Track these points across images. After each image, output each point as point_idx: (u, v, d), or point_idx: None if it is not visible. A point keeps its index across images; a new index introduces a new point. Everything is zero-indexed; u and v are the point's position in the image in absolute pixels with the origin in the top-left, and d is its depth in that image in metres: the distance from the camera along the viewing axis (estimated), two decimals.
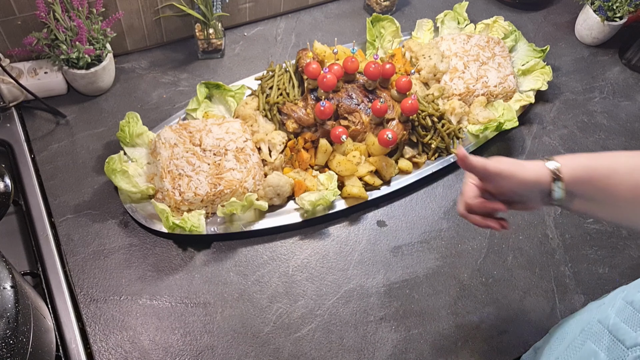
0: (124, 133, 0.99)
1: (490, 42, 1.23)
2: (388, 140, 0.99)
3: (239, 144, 1.00)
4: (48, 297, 0.86)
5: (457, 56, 1.19)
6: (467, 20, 1.30)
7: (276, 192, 0.97)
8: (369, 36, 1.23)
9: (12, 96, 1.06)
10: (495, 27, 1.29)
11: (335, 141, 1.01)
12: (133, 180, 0.95)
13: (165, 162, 0.96)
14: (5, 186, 0.77)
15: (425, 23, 1.29)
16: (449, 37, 1.23)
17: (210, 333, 0.87)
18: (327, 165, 1.04)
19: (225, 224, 0.96)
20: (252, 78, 1.16)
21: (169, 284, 0.91)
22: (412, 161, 1.08)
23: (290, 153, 1.03)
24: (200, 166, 0.96)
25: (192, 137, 0.99)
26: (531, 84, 1.21)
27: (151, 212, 0.96)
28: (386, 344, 0.89)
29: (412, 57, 1.20)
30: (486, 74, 1.17)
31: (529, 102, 1.18)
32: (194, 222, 0.92)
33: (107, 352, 0.84)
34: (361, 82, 1.09)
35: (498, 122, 1.10)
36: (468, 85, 1.15)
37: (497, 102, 1.17)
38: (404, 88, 1.06)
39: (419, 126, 1.09)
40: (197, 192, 0.94)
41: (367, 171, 1.02)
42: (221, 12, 1.16)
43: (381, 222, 1.03)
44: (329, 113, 1.01)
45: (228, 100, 1.10)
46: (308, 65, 1.04)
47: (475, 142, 1.13)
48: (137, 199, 0.97)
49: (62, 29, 1.01)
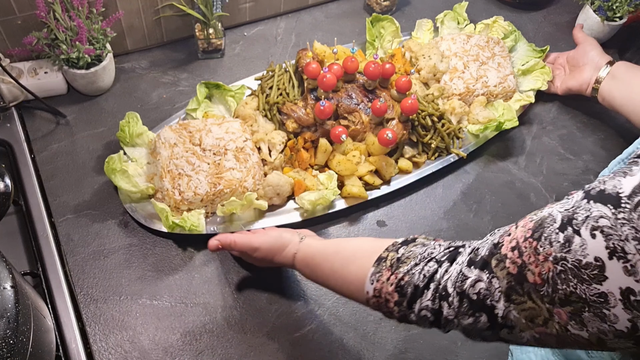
0: (123, 133, 0.99)
1: (490, 42, 1.23)
2: (388, 140, 0.99)
3: (238, 143, 1.00)
4: (48, 297, 0.86)
5: (457, 56, 1.19)
6: (467, 21, 1.30)
7: (276, 191, 0.97)
8: (369, 36, 1.23)
9: (12, 96, 1.06)
10: (495, 27, 1.29)
11: (335, 141, 1.01)
12: (133, 180, 0.95)
13: (165, 161, 0.96)
14: (5, 186, 0.77)
15: (425, 23, 1.28)
16: (449, 37, 1.23)
17: (210, 333, 0.87)
18: (327, 164, 1.04)
19: (225, 223, 0.96)
20: (252, 78, 1.16)
21: (169, 284, 0.91)
22: (412, 161, 1.08)
23: (290, 153, 1.03)
24: (200, 166, 0.96)
25: (192, 136, 0.99)
26: (531, 84, 1.21)
27: (151, 212, 0.96)
28: (386, 344, 0.89)
29: (412, 57, 1.20)
30: (486, 73, 1.17)
31: (529, 102, 1.18)
32: (193, 222, 0.92)
33: (107, 352, 0.84)
34: (361, 82, 1.08)
35: (498, 122, 1.10)
36: (468, 85, 1.15)
37: (497, 102, 1.17)
38: (404, 88, 1.06)
39: (419, 126, 1.09)
40: (196, 191, 0.94)
41: (367, 171, 1.02)
42: (221, 12, 1.16)
43: (381, 222, 1.03)
44: (329, 113, 1.01)
45: (228, 100, 1.10)
46: (308, 65, 1.04)
47: (475, 141, 1.13)
48: (137, 198, 0.97)
49: (62, 28, 1.01)
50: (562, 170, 1.14)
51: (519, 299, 0.48)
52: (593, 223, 0.43)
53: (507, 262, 0.49)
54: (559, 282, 0.45)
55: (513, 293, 0.49)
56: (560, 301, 0.45)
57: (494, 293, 0.50)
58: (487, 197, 1.08)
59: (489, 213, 1.06)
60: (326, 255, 0.76)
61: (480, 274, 0.52)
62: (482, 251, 0.54)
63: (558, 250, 0.45)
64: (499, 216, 1.06)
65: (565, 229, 0.45)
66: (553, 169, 1.14)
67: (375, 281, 0.62)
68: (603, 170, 0.81)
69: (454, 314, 0.54)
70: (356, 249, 0.71)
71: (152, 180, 0.99)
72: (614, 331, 0.42)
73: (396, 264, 0.61)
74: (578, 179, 1.13)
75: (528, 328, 0.49)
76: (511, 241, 0.50)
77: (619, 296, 0.41)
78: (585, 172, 1.15)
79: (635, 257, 0.40)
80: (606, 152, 1.18)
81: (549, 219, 0.47)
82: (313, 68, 1.03)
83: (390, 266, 0.62)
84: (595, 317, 0.43)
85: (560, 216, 0.46)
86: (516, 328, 0.50)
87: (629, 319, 0.41)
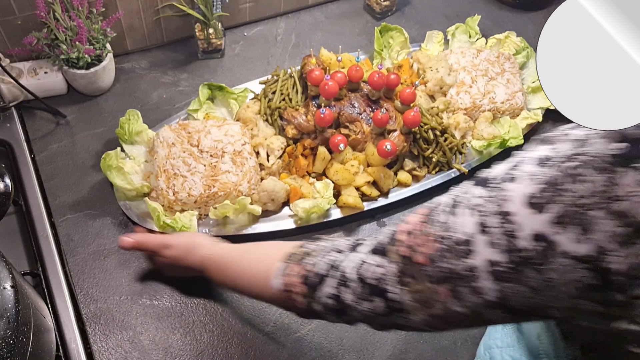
0: (123, 130, 0.99)
1: (501, 57, 1.21)
2: (387, 152, 0.98)
3: (236, 146, 0.99)
4: (48, 297, 0.86)
5: (465, 70, 1.17)
6: (478, 34, 1.28)
7: (270, 197, 0.96)
8: (377, 46, 1.22)
9: (12, 96, 1.06)
10: (507, 42, 1.27)
11: (333, 149, 1.00)
12: (128, 177, 0.95)
13: (162, 161, 0.96)
14: (5, 186, 0.77)
15: (436, 35, 1.27)
16: (459, 51, 1.21)
17: (210, 333, 0.87)
18: (324, 173, 1.02)
19: (217, 226, 0.96)
20: (256, 81, 1.16)
21: (169, 284, 0.91)
22: (412, 174, 1.06)
23: (288, 159, 1.03)
24: (196, 167, 0.96)
25: (191, 137, 0.99)
26: (540, 102, 1.19)
27: (145, 211, 0.96)
28: (386, 344, 0.89)
29: (420, 68, 1.18)
30: (494, 89, 1.15)
31: (537, 121, 1.15)
32: (184, 223, 0.92)
33: (107, 352, 0.84)
34: (365, 91, 1.07)
35: (502, 139, 1.08)
36: (474, 100, 1.13)
37: (504, 118, 1.14)
38: (408, 99, 1.04)
39: (421, 139, 1.07)
40: (190, 192, 0.93)
41: (365, 181, 1.01)
42: (221, 12, 1.16)
43: (381, 224, 1.02)
44: (329, 121, 1.00)
45: (230, 103, 1.10)
46: (311, 72, 1.03)
47: (479, 157, 1.11)
48: (132, 196, 0.97)
49: (62, 28, 1.01)
50: None
51: (409, 281, 0.50)
52: (468, 202, 0.47)
53: (400, 246, 0.52)
54: (440, 260, 0.47)
55: (404, 276, 0.51)
56: (441, 279, 0.48)
57: (389, 277, 0.52)
58: None
59: None
60: (239, 254, 0.76)
61: (378, 260, 0.54)
62: (383, 239, 0.56)
63: (440, 230, 0.48)
64: None
65: (449, 210, 0.49)
66: None
67: (284, 275, 0.63)
68: None
69: (355, 300, 0.56)
70: (268, 248, 0.72)
71: (148, 178, 0.98)
72: (486, 303, 0.45)
73: (304, 258, 0.63)
74: None
75: (418, 311, 0.51)
76: (407, 226, 0.53)
77: (487, 268, 0.44)
78: None
79: (497, 230, 0.43)
80: None
81: (441, 203, 0.51)
82: (316, 75, 1.02)
83: (299, 260, 0.63)
84: (470, 291, 0.46)
85: (449, 199, 0.50)
86: (409, 312, 0.52)
87: (497, 289, 0.44)
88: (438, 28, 1.29)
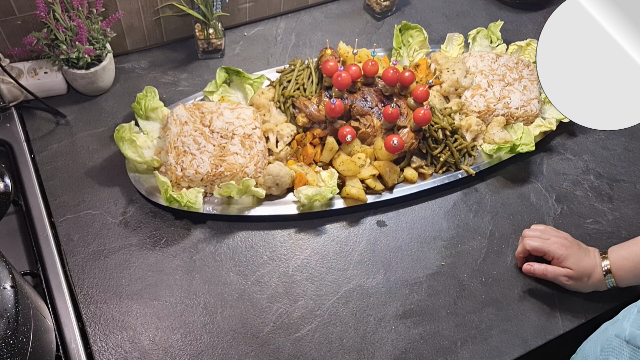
0: (139, 105, 1.03)
1: (520, 64, 1.21)
2: (394, 147, 0.99)
3: (247, 130, 1.02)
4: (48, 297, 0.86)
5: (483, 74, 1.17)
6: (499, 40, 1.28)
7: (275, 181, 0.98)
8: (396, 43, 1.22)
9: (12, 96, 1.06)
10: (529, 50, 1.27)
11: (340, 140, 1.02)
12: (139, 151, 0.98)
13: (173, 137, 0.99)
14: (5, 186, 0.77)
15: (456, 38, 1.27)
16: (477, 54, 1.21)
17: (210, 333, 0.87)
18: (331, 163, 1.04)
19: (222, 205, 0.98)
20: (273, 70, 1.18)
21: (169, 284, 0.91)
22: (418, 171, 1.07)
23: (296, 146, 1.04)
24: (206, 146, 0.99)
25: (204, 117, 1.02)
26: (555, 112, 1.18)
27: (153, 185, 0.98)
28: (386, 344, 0.89)
29: (437, 69, 1.19)
30: (509, 95, 1.15)
31: (550, 129, 1.14)
32: (190, 198, 0.94)
33: (107, 352, 0.84)
34: (379, 86, 1.09)
35: (513, 144, 1.08)
36: (489, 104, 1.14)
37: (517, 124, 1.14)
38: (421, 98, 1.05)
39: (430, 138, 1.08)
40: (198, 170, 0.96)
41: (370, 174, 1.02)
42: (221, 12, 1.16)
43: (381, 222, 1.03)
44: (339, 112, 1.01)
45: (246, 88, 1.12)
46: (326, 62, 1.05)
47: (489, 161, 1.11)
48: (143, 169, 1.00)
49: (62, 28, 1.01)
50: (562, 170, 1.14)
51: None
52: None
53: None
54: None
55: None
56: None
57: None
58: (487, 197, 1.08)
59: (489, 213, 1.06)
60: None
61: None
62: None
63: None
64: (500, 216, 1.06)
65: None
66: (553, 168, 1.14)
67: None
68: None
69: None
70: None
71: (159, 154, 1.01)
72: None
73: None
74: (578, 179, 1.13)
75: None
76: None
77: None
78: (585, 172, 1.15)
79: None
80: (606, 152, 1.18)
81: None
82: (330, 66, 1.04)
83: None
84: None
85: None
86: None
87: None
88: (438, 28, 1.29)
